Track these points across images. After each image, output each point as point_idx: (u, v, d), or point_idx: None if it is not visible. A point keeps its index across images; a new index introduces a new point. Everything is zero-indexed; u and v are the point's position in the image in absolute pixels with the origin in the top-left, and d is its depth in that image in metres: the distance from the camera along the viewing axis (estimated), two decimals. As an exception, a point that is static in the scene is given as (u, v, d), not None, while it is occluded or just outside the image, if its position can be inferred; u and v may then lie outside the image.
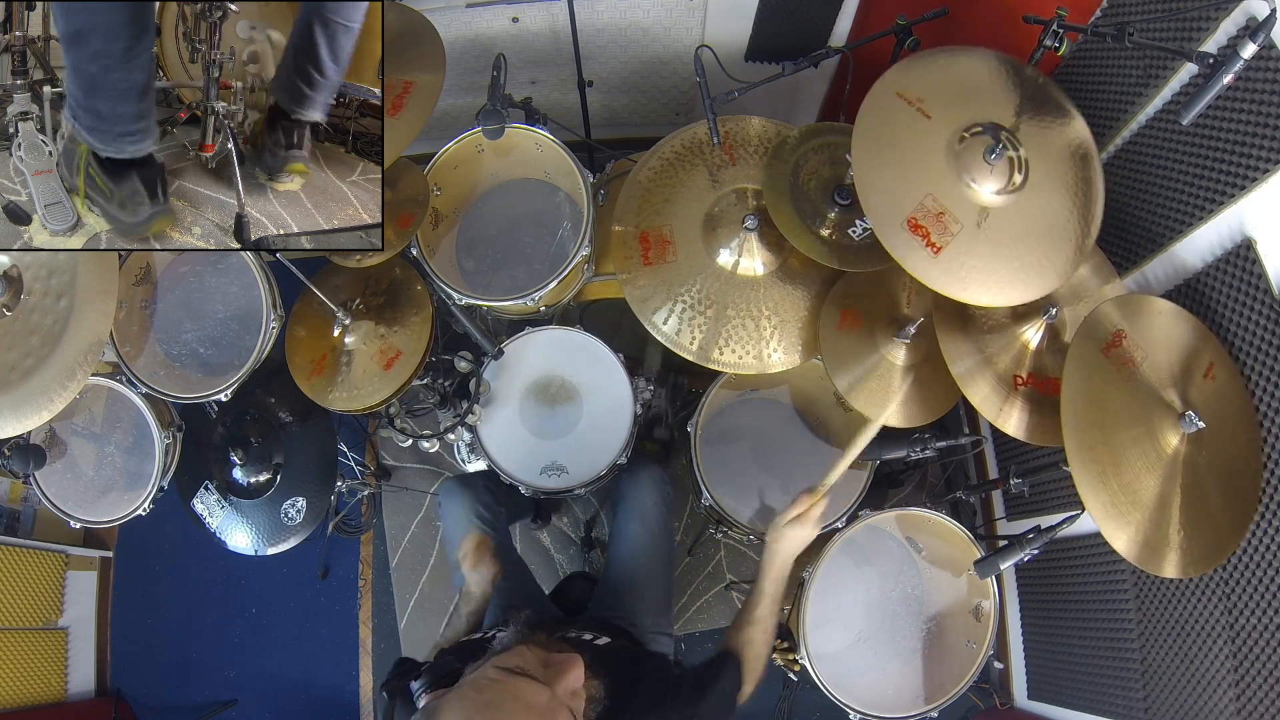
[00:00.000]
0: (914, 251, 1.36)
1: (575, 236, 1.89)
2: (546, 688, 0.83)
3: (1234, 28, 1.36)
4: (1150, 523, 1.29)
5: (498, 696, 0.81)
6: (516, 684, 0.82)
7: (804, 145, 1.70)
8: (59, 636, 2.44)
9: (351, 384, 1.80)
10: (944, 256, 1.36)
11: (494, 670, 0.85)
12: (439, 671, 1.00)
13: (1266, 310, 1.36)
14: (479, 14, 2.13)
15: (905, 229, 1.36)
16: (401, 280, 1.88)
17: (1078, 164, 1.45)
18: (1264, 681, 1.40)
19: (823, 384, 1.91)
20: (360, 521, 2.59)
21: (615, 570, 1.62)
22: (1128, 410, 1.34)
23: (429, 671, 1.02)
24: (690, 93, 2.51)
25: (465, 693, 0.83)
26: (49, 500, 1.88)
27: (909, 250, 1.36)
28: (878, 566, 2.00)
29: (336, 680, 2.49)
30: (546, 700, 0.82)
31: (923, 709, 1.67)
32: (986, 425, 2.28)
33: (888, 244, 1.37)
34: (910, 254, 1.36)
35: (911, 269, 1.36)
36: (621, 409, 1.81)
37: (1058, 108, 1.47)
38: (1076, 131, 1.46)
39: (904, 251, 1.36)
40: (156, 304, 1.92)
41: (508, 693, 0.82)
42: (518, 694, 0.82)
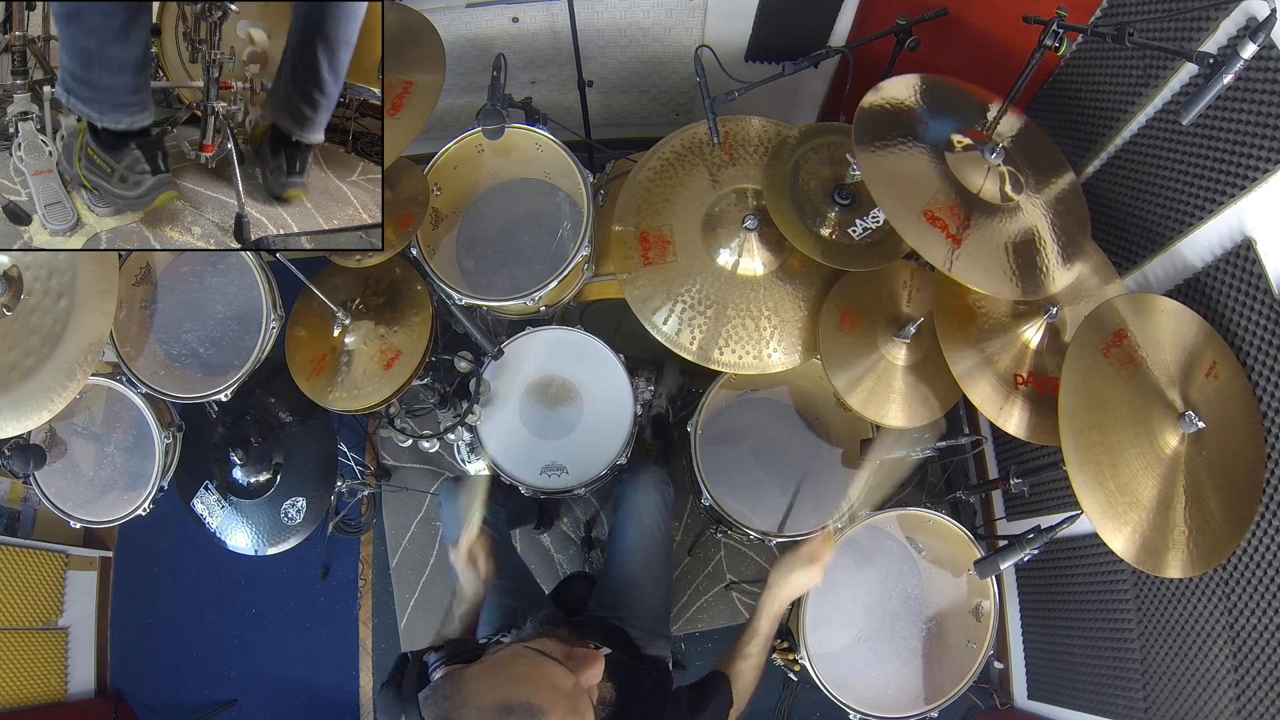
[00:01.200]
0: (935, 243, 1.36)
1: (575, 236, 1.89)
2: (572, 674, 0.84)
3: (1234, 28, 1.36)
4: (1149, 523, 1.30)
5: (525, 671, 0.83)
6: (544, 663, 0.84)
7: (804, 145, 1.70)
8: (59, 636, 2.44)
9: (351, 384, 1.80)
10: (966, 247, 1.36)
11: (522, 648, 0.86)
12: (458, 648, 1.00)
13: (1267, 310, 1.36)
14: (479, 14, 2.13)
15: (923, 220, 1.36)
16: (401, 280, 1.88)
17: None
18: (1264, 681, 1.40)
19: (823, 384, 1.91)
20: (360, 521, 2.58)
21: (615, 570, 1.62)
22: (1127, 410, 1.34)
23: (449, 647, 1.02)
24: (690, 93, 2.51)
25: (492, 665, 0.84)
26: (49, 500, 1.88)
27: (929, 242, 1.36)
28: (878, 566, 2.00)
29: (336, 680, 2.49)
30: (571, 685, 0.83)
31: (923, 709, 1.67)
32: (986, 425, 2.28)
33: (908, 237, 1.36)
34: (931, 245, 1.36)
35: (935, 260, 1.35)
36: (621, 409, 1.81)
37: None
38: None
39: (924, 243, 1.36)
40: (156, 304, 1.92)
41: (536, 670, 0.83)
42: (545, 672, 0.83)
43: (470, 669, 0.84)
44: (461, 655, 0.98)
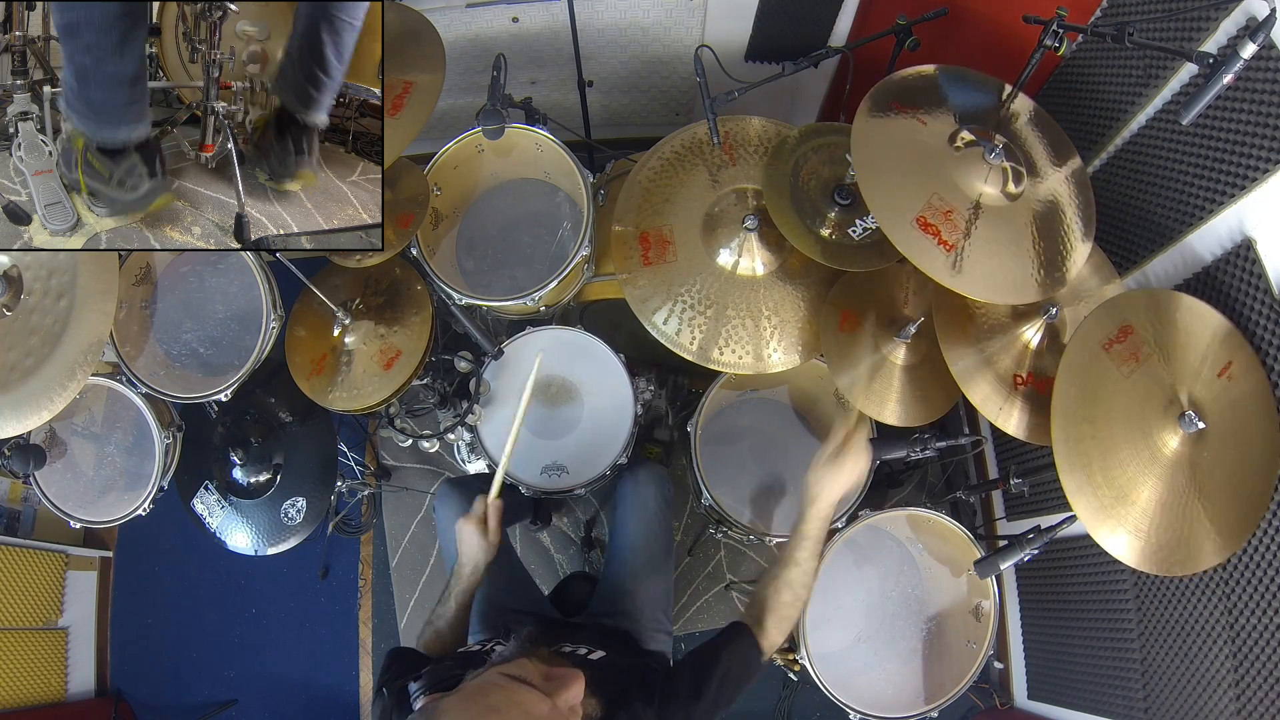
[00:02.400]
0: (927, 251, 1.35)
1: (575, 236, 1.89)
2: (548, 699, 0.83)
3: (1234, 28, 1.36)
4: (1146, 523, 1.29)
5: (500, 701, 0.82)
6: (519, 691, 0.83)
7: (804, 145, 1.70)
8: (59, 636, 2.44)
9: (351, 384, 1.80)
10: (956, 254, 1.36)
11: (497, 675, 0.85)
12: (438, 675, 1.00)
13: (1267, 310, 1.36)
14: (479, 14, 2.13)
15: (915, 228, 1.36)
16: (401, 280, 1.88)
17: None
18: (1264, 681, 1.40)
19: (823, 384, 1.91)
20: (360, 521, 2.59)
21: (615, 570, 1.62)
22: (1123, 407, 1.33)
23: (428, 674, 1.01)
24: (690, 93, 2.51)
25: (468, 694, 0.83)
26: (49, 500, 1.87)
27: (921, 249, 1.35)
28: (878, 566, 2.00)
29: (336, 680, 2.49)
30: (547, 711, 0.82)
31: (923, 709, 1.67)
32: (986, 425, 2.28)
33: (899, 244, 1.35)
34: (923, 253, 1.35)
35: (927, 269, 1.35)
36: (621, 409, 1.81)
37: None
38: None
39: (916, 251, 1.35)
40: (156, 304, 1.92)
41: (510, 698, 0.82)
42: (519, 700, 0.82)
43: (446, 700, 0.83)
44: (440, 684, 0.99)
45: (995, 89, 1.56)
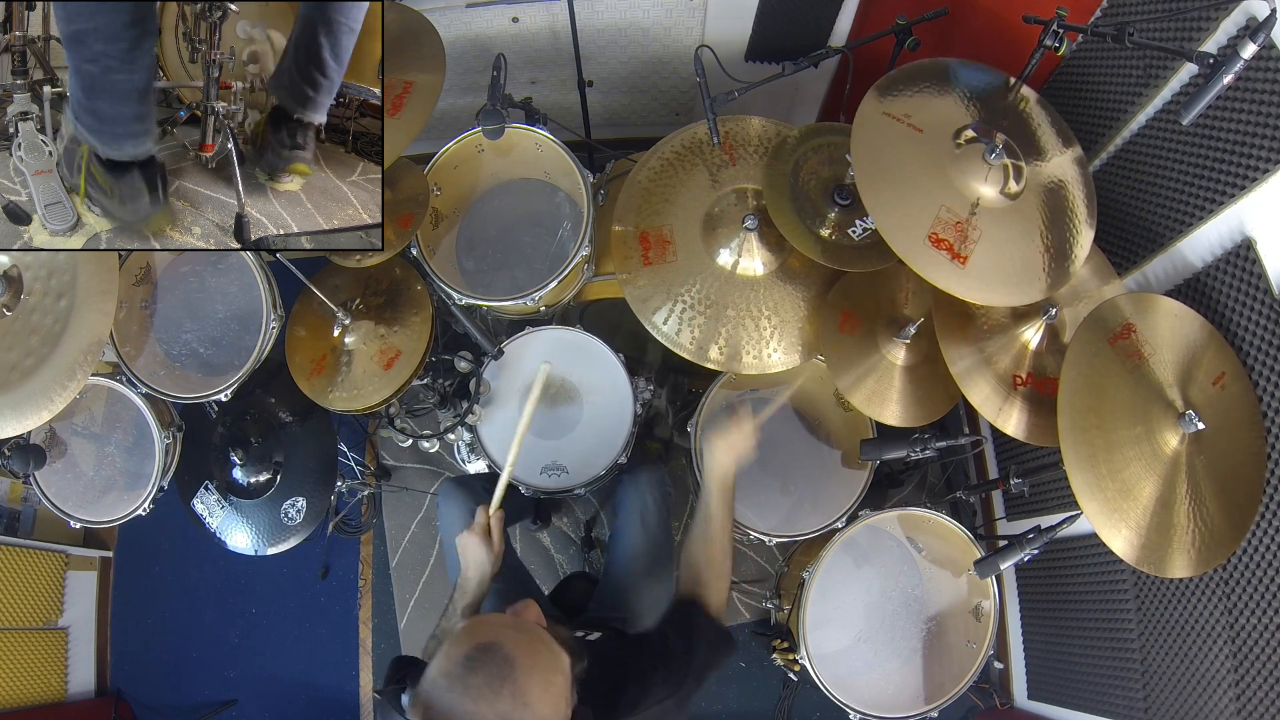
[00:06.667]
0: (942, 267, 1.36)
1: (575, 236, 1.89)
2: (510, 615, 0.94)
3: (1234, 28, 1.36)
4: (1148, 522, 1.29)
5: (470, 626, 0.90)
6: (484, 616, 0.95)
7: (804, 145, 1.70)
8: (59, 636, 2.44)
9: (351, 384, 1.80)
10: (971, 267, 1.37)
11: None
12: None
13: (1267, 310, 1.36)
14: (479, 14, 2.13)
15: (928, 245, 1.36)
16: (401, 280, 1.88)
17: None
18: (1264, 681, 1.40)
19: (823, 384, 1.91)
20: (360, 521, 2.58)
21: (615, 570, 1.63)
22: (1127, 402, 1.34)
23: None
24: (690, 93, 2.51)
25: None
26: (49, 500, 1.88)
27: (937, 267, 1.36)
28: (878, 566, 2.00)
29: (336, 680, 2.49)
30: (512, 620, 0.91)
31: (923, 709, 1.67)
32: (986, 425, 2.28)
33: (914, 264, 1.36)
34: (939, 270, 1.36)
35: (944, 285, 1.36)
36: (621, 409, 1.81)
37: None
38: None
39: (932, 270, 1.36)
40: (156, 304, 1.92)
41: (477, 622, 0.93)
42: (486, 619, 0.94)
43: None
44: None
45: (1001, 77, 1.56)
